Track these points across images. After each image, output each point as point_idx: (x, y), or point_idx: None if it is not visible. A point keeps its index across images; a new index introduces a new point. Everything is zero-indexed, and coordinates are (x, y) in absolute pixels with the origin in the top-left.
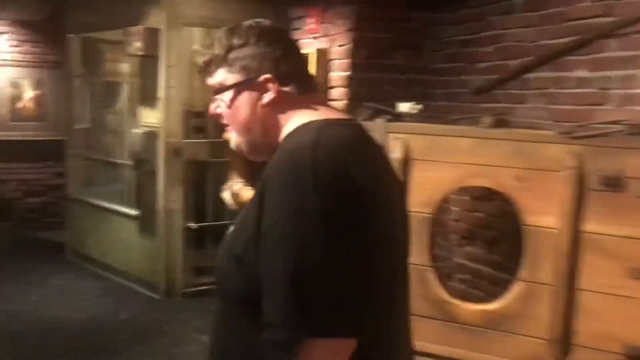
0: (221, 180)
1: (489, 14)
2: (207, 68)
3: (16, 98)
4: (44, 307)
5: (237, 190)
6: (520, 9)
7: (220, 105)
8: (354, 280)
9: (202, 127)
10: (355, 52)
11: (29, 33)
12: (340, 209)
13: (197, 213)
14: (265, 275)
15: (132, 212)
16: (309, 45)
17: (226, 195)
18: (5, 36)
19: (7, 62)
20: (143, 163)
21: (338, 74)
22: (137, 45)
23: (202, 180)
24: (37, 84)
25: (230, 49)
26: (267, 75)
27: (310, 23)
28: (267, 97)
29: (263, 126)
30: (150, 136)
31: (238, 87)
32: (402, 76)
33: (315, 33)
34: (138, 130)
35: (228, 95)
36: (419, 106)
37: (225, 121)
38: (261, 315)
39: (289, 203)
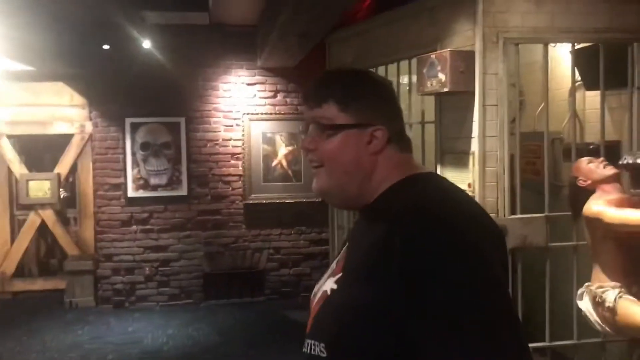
0: (569, 278)
1: None
2: (315, 98)
3: (270, 156)
4: None
5: (604, 297)
6: None
7: (317, 141)
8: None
9: (538, 196)
10: None
11: (281, 82)
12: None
13: (533, 327)
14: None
15: None
16: None
17: (583, 303)
18: (258, 87)
19: (260, 116)
20: None
21: None
22: (438, 78)
23: (536, 276)
24: (291, 138)
25: (349, 89)
26: (382, 127)
27: None
28: (374, 146)
29: (364, 174)
30: None
31: (349, 129)
32: None
33: None
34: None
35: (334, 134)
36: None
37: (318, 159)
38: None
39: (469, 273)
